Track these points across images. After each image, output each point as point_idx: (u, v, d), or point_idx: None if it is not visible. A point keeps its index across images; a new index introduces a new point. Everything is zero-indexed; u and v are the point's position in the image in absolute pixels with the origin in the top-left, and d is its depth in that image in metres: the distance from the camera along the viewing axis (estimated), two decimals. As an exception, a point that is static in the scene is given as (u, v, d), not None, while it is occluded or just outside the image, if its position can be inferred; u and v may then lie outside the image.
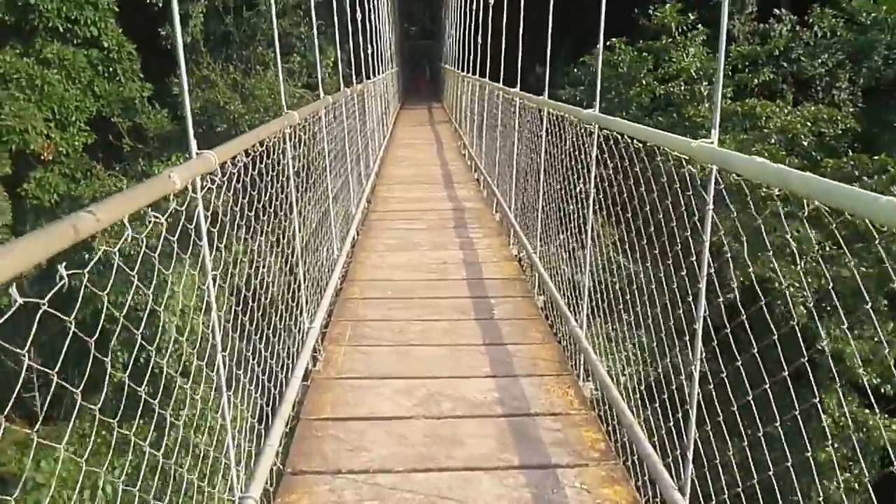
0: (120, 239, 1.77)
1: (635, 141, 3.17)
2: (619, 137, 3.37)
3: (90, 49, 16.39)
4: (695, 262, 2.56)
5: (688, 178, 2.63)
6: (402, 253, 6.43)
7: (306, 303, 3.95)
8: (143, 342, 1.87)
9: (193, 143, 2.22)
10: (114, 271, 1.75)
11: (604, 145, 3.70)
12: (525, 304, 4.99)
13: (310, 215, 4.60)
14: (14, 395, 3.89)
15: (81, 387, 1.61)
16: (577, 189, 4.33)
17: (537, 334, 4.45)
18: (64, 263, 1.44)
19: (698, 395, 2.55)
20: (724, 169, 2.33)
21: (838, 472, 9.10)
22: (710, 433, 2.59)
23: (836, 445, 9.76)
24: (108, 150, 17.29)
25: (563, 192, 4.77)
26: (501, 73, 9.20)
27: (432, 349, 4.19)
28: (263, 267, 3.15)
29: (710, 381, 2.67)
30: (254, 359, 2.89)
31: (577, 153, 4.20)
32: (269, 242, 3.41)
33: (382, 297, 5.15)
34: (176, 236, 2.02)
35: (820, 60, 16.82)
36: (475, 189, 9.72)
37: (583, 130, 4.07)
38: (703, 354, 2.53)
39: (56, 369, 1.51)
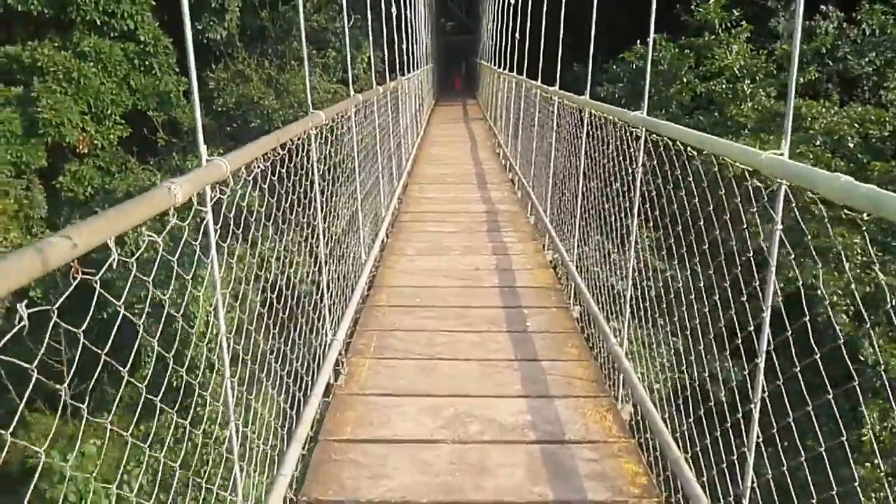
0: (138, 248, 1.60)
1: (689, 148, 2.89)
2: (670, 143, 3.10)
3: (127, 42, 16.45)
4: (758, 288, 2.28)
5: (751, 192, 2.34)
6: (433, 257, 6.19)
7: (329, 313, 3.75)
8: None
9: (203, 150, 2.01)
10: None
11: (652, 150, 3.43)
12: (560, 316, 4.73)
13: (336, 220, 4.40)
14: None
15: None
16: (620, 195, 4.06)
17: (573, 350, 4.19)
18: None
19: (758, 436, 2.28)
20: (797, 186, 2.04)
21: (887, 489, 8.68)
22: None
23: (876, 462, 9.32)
24: (143, 143, 17.38)
25: (603, 197, 4.50)
26: (539, 71, 8.92)
27: (461, 364, 3.96)
28: (282, 279, 2.94)
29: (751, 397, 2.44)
30: (268, 380, 2.68)
31: (620, 158, 3.93)
32: (290, 252, 3.21)
33: (411, 305, 4.92)
34: (176, 256, 1.81)
35: (867, 59, 16.21)
36: (509, 190, 9.47)
37: (628, 134, 3.80)
38: (765, 390, 2.26)
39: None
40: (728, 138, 11.59)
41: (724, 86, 14.43)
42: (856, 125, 11.52)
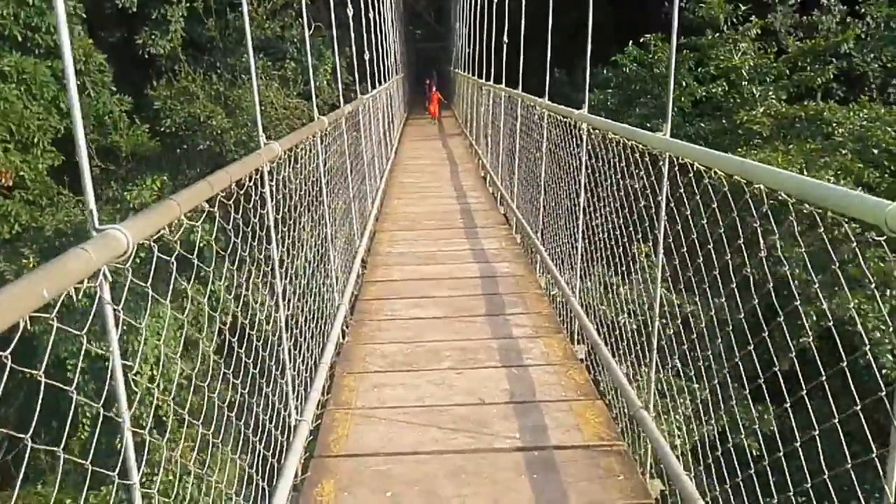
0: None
1: (733, 179, 2.56)
2: (704, 170, 2.78)
3: (55, 60, 16.00)
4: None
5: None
6: (411, 378, 4.37)
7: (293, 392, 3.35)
8: None
9: (95, 216, 1.65)
10: None
11: (677, 177, 3.12)
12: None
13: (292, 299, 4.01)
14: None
15: None
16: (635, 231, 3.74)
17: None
18: None
19: None
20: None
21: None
22: None
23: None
24: (76, 172, 16.88)
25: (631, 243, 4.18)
26: (521, 78, 8.65)
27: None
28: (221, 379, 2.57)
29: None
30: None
31: (640, 186, 3.61)
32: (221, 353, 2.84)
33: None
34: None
35: (873, 55, 16.22)
36: (506, 233, 8.10)
37: (643, 156, 3.48)
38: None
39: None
40: (740, 147, 11.33)
41: (725, 89, 14.32)
42: (889, 129, 11.24)
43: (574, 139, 5.07)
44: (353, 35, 8.55)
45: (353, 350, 4.85)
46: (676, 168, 3.11)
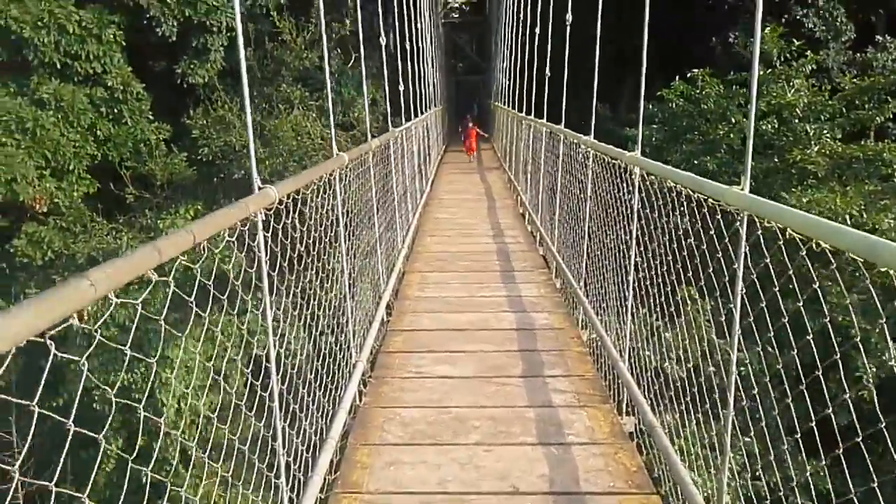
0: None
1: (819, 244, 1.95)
2: (800, 240, 2.17)
3: (93, 88, 15.90)
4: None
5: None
6: (434, 455, 3.71)
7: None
8: None
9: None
10: None
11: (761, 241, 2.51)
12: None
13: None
14: None
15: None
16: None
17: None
18: None
19: None
20: None
21: None
22: None
23: None
24: (109, 199, 16.71)
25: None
26: (563, 114, 8.11)
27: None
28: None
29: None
30: None
31: (706, 246, 3.01)
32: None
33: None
34: None
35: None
36: (545, 278, 7.37)
37: (713, 212, 2.88)
38: None
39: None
40: (794, 188, 10.60)
41: (776, 126, 13.62)
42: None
43: (625, 183, 4.48)
44: (385, 65, 8.08)
45: (371, 414, 4.25)
46: (760, 231, 2.51)
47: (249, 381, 2.67)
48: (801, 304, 2.18)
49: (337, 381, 3.99)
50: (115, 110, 16.14)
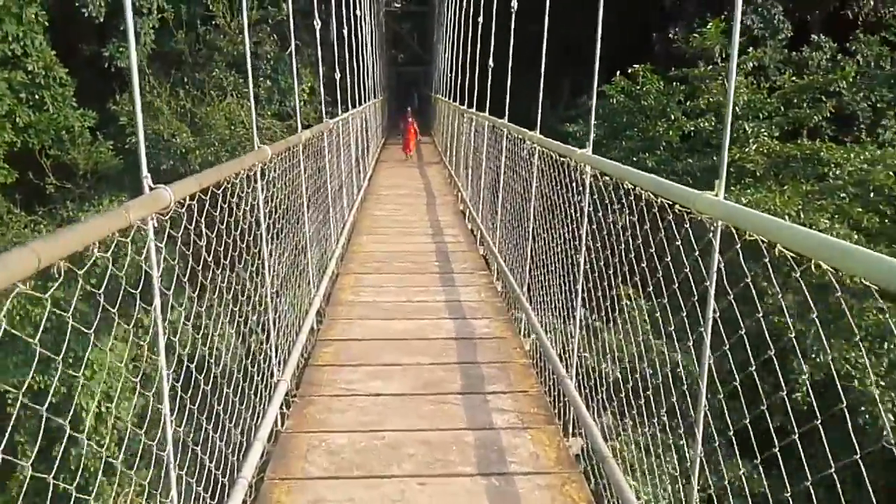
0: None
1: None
2: (765, 248, 1.81)
3: (12, 71, 14.92)
4: None
5: None
6: (363, 490, 3.26)
7: None
8: None
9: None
10: None
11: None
12: None
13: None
14: None
15: None
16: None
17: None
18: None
19: None
20: None
21: None
22: None
23: None
24: (29, 189, 15.72)
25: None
26: (507, 108, 7.72)
27: None
28: None
29: None
30: None
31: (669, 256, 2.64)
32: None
33: None
34: None
35: (862, 94, 15.55)
36: (485, 281, 6.96)
37: (681, 219, 2.52)
38: None
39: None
40: (732, 186, 10.47)
41: (713, 123, 13.55)
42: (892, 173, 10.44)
43: (574, 183, 4.10)
44: (319, 52, 7.56)
45: (293, 442, 3.74)
46: (739, 245, 2.14)
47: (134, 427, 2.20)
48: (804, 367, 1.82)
49: (254, 405, 3.52)
50: (37, 96, 15.22)
